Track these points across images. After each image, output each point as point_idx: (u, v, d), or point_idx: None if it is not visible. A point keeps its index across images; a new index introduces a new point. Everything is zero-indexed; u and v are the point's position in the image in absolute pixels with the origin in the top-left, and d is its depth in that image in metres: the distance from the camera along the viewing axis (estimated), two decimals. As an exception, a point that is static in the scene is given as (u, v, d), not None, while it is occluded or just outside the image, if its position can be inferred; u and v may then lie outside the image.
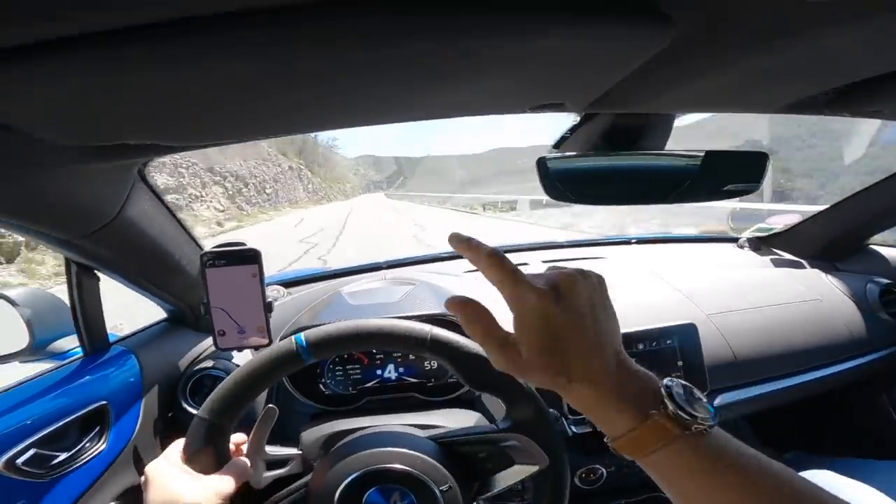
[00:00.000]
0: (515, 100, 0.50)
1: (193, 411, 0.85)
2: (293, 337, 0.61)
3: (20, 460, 0.62)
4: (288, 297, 1.12)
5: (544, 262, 1.31)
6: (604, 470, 0.96)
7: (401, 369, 0.98)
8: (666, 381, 0.37)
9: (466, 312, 0.39)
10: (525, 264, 1.29)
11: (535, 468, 0.64)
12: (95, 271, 0.74)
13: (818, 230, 1.32)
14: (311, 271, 1.30)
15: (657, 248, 1.47)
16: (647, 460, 0.36)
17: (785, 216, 1.39)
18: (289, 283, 1.21)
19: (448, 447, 0.65)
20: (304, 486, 0.65)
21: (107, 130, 0.41)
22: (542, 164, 0.70)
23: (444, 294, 1.02)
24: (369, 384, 0.97)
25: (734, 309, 1.07)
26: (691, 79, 0.48)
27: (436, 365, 0.98)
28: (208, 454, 0.59)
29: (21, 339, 0.79)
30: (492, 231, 12.74)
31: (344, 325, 0.63)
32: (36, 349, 0.79)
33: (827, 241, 1.31)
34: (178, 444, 0.61)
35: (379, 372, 0.98)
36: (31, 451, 0.63)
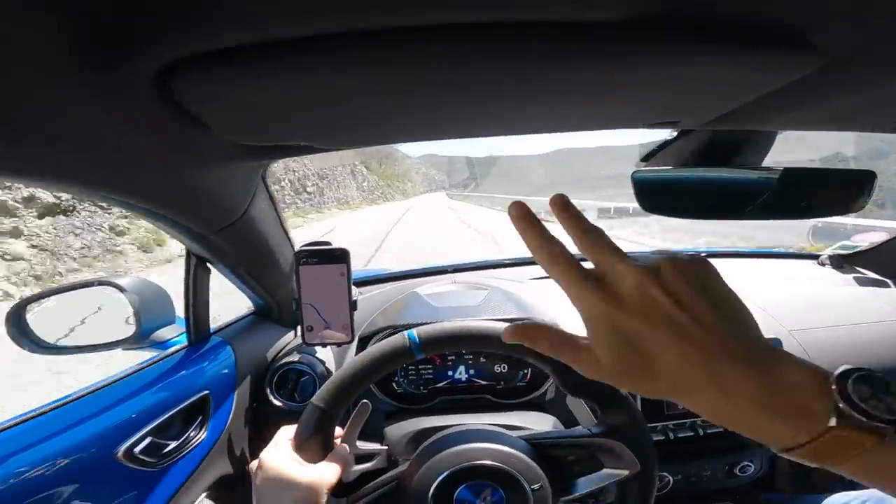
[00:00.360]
0: (636, 117, 0.50)
1: (278, 403, 0.89)
2: (405, 333, 0.64)
3: (137, 449, 0.64)
4: (360, 297, 1.15)
5: None
6: (670, 478, 0.96)
7: (471, 371, 0.99)
8: (840, 371, 0.30)
9: (527, 334, 0.37)
10: None
11: (624, 473, 0.64)
12: (209, 265, 0.78)
13: None
14: (380, 272, 1.33)
15: (730, 262, 1.43)
16: (838, 468, 0.30)
17: (870, 234, 1.33)
18: (359, 283, 1.24)
19: (539, 448, 0.66)
20: (394, 480, 0.67)
21: (280, 132, 0.44)
22: (635, 176, 0.70)
23: (517, 300, 1.04)
24: (440, 384, 0.99)
25: (817, 326, 1.04)
26: (823, 100, 0.47)
27: (506, 368, 0.99)
28: (317, 442, 0.62)
29: (128, 327, 0.84)
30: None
31: (453, 324, 0.65)
32: (141, 337, 0.83)
33: None
34: (287, 432, 0.63)
35: (450, 373, 1.00)
36: (148, 440, 0.66)
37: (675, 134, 0.69)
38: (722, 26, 0.32)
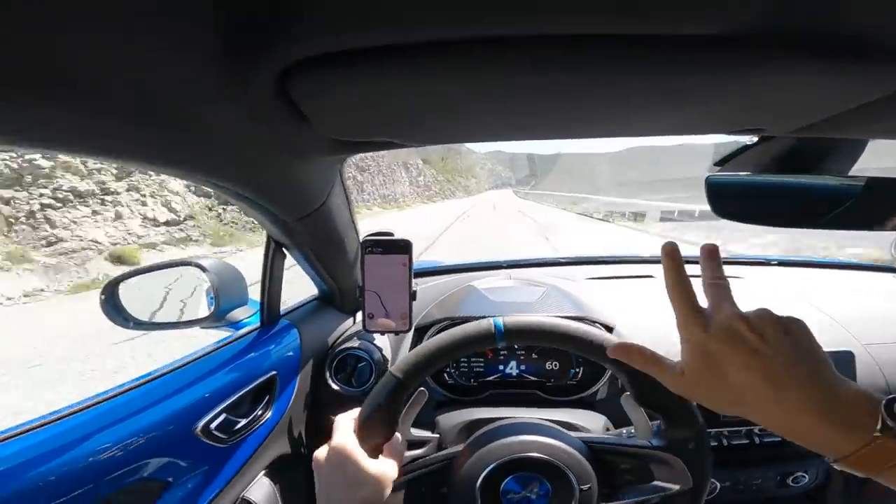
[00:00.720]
0: (721, 124, 0.50)
1: (336, 388, 0.93)
2: (492, 319, 0.65)
3: (213, 425, 0.68)
4: (416, 288, 1.18)
5: None
6: (718, 484, 0.94)
7: (522, 367, 1.01)
8: (889, 397, 0.37)
9: (627, 353, 0.48)
10: (650, 276, 1.26)
11: (674, 488, 0.64)
12: (285, 250, 0.82)
13: None
14: (436, 264, 1.36)
15: (802, 271, 1.37)
16: (884, 476, 0.36)
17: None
18: (415, 275, 1.26)
19: (594, 451, 0.67)
20: (444, 461, 0.69)
21: (372, 129, 0.47)
22: (710, 181, 0.69)
23: (574, 298, 1.04)
24: (491, 378, 1.01)
25: (894, 341, 0.98)
26: None
27: (557, 366, 0.99)
28: (384, 414, 0.63)
29: (206, 306, 0.90)
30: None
31: (540, 319, 0.66)
32: (218, 317, 0.88)
33: None
34: (346, 420, 0.63)
35: (501, 367, 1.01)
36: (222, 417, 0.69)
37: (755, 139, 0.67)
38: (819, 39, 0.31)
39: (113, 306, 0.87)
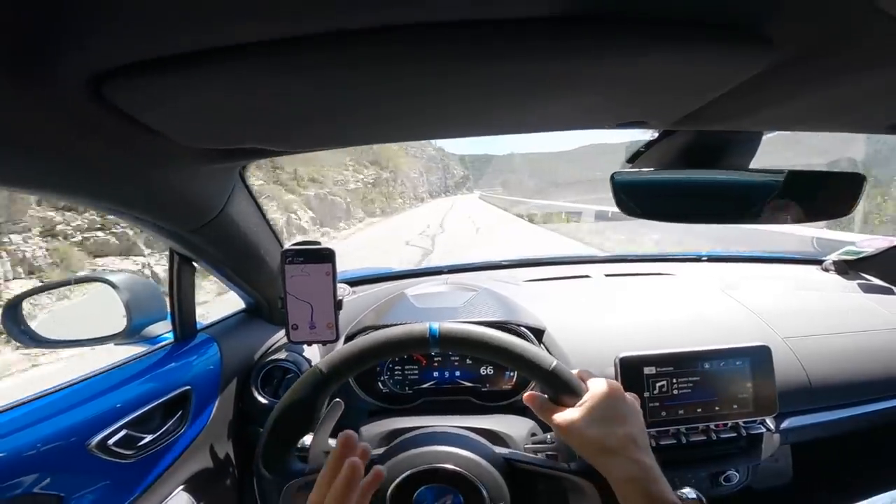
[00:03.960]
0: (602, 116, 0.50)
1: (263, 401, 0.90)
2: (427, 324, 0.64)
3: (111, 441, 0.66)
4: (353, 296, 1.16)
5: (607, 275, 1.29)
6: None
7: (457, 372, 0.99)
8: None
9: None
10: (587, 276, 1.28)
11: None
12: (194, 263, 0.79)
13: None
14: (376, 271, 1.34)
15: (731, 266, 1.40)
16: None
17: (876, 240, 1.29)
18: (355, 282, 1.25)
19: (513, 468, 0.66)
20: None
21: (231, 136, 0.45)
22: (614, 179, 0.69)
23: (504, 301, 1.03)
24: (425, 385, 0.99)
25: (814, 333, 1.01)
26: (789, 98, 0.46)
27: (491, 370, 0.99)
28: (308, 406, 0.63)
29: (119, 323, 0.86)
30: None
31: (476, 329, 0.65)
32: (131, 333, 0.85)
33: None
34: None
35: (436, 374, 0.99)
36: (123, 433, 0.67)
37: (653, 133, 0.68)
38: (675, 23, 0.32)
39: (15, 324, 0.82)
